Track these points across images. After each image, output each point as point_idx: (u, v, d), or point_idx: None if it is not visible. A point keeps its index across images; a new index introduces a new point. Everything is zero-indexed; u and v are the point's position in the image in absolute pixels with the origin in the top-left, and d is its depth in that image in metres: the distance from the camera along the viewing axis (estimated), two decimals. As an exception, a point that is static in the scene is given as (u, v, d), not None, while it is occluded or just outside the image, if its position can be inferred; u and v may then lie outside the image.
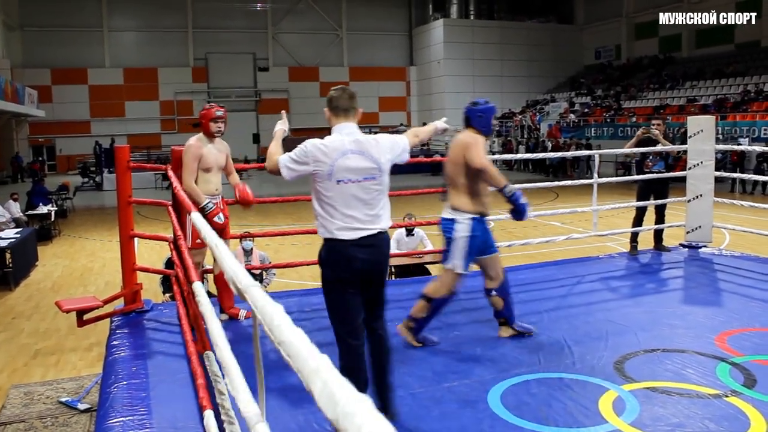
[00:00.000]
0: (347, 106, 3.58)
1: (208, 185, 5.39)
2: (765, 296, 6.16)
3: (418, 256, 8.07)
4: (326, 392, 0.97)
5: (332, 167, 3.39)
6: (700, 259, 7.68)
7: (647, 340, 4.89)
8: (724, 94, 29.16)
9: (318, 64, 41.53)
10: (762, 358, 4.53)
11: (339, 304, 3.51)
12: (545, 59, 42.20)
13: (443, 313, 5.69)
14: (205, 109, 5.50)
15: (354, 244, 3.41)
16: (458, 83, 40.30)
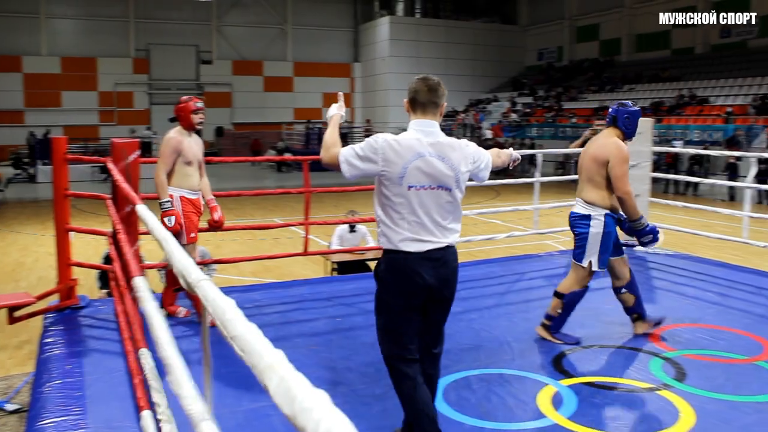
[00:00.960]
0: (426, 100, 3.12)
1: (189, 179, 5.30)
2: (696, 293, 6.39)
3: (360, 253, 8.09)
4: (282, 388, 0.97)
5: (405, 169, 3.00)
6: (635, 257, 7.90)
7: (584, 337, 5.03)
8: (660, 97, 30.04)
9: (262, 58, 41.09)
10: (692, 353, 4.71)
11: (394, 327, 3.13)
12: (489, 59, 42.69)
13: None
14: (182, 101, 5.37)
15: (421, 257, 3.03)
16: (403, 81, 40.34)
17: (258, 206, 17.99)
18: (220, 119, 39.27)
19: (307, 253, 6.78)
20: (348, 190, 7.48)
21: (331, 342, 4.97)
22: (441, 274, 3.08)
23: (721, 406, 3.85)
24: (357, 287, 6.51)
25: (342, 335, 5.11)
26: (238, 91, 39.56)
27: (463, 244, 8.48)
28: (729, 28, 31.72)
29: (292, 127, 39.44)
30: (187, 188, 5.28)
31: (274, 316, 5.49)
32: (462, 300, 6.06)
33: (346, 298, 6.13)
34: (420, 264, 3.03)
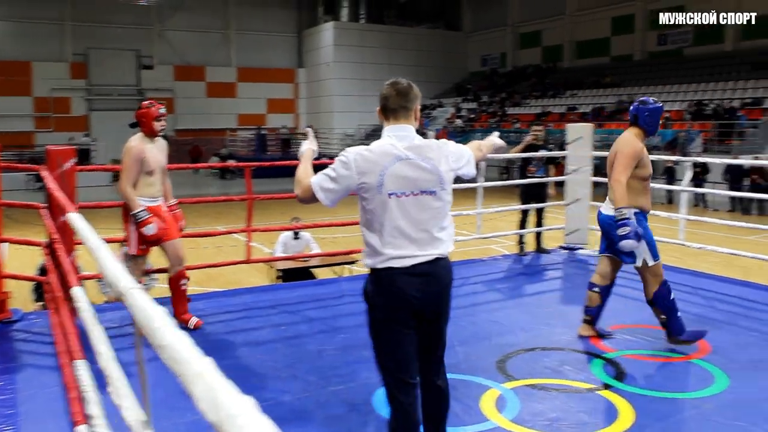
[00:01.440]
0: (396, 106, 2.98)
1: (150, 188, 5.18)
2: (633, 294, 6.54)
3: (304, 260, 8.05)
4: (209, 395, 0.97)
5: (382, 176, 2.82)
6: (577, 260, 8.07)
7: (527, 340, 5.11)
8: (601, 103, 30.77)
9: (205, 63, 40.61)
10: (631, 353, 4.83)
11: (388, 350, 2.92)
12: (433, 65, 43.03)
13: (331, 317, 5.74)
14: (143, 107, 5.26)
15: (406, 272, 2.83)
16: (347, 86, 40.47)
17: (201, 214, 17.76)
18: (161, 126, 38.66)
19: (251, 260, 6.72)
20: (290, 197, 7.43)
21: (276, 350, 4.94)
22: (431, 291, 2.87)
23: (659, 404, 3.95)
24: (302, 295, 6.49)
25: (286, 344, 5.08)
26: (181, 96, 39.02)
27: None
28: (665, 37, 32.72)
29: (236, 133, 39.08)
30: (148, 196, 5.17)
31: (218, 325, 5.43)
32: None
33: (291, 306, 6.11)
34: (407, 281, 2.82)
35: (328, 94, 41.13)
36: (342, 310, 6.02)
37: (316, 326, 5.51)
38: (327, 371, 4.48)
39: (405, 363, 2.91)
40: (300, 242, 8.59)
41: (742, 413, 3.86)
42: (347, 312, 5.93)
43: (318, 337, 5.20)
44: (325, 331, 5.35)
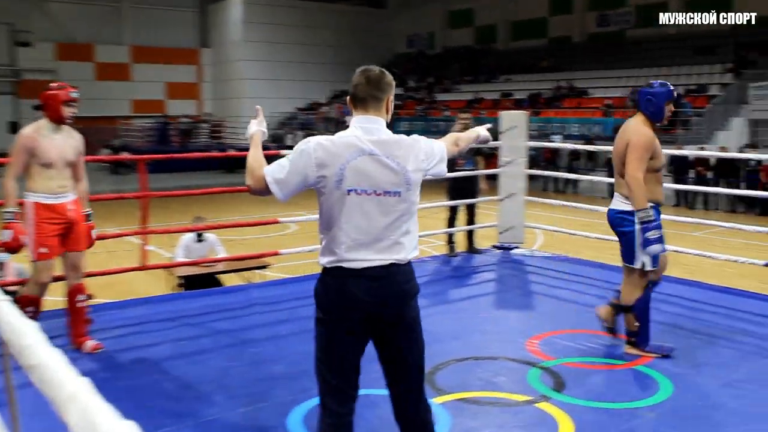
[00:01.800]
0: (365, 95, 2.97)
1: (49, 183, 4.95)
2: (575, 297, 6.73)
3: (209, 265, 7.94)
4: (85, 422, 0.94)
5: (342, 170, 2.82)
6: (512, 260, 8.23)
7: (458, 349, 5.17)
8: (537, 89, 31.42)
9: (93, 41, 39.48)
10: (571, 361, 4.96)
11: (326, 353, 2.95)
12: (354, 45, 43.01)
13: (239, 329, 5.68)
14: (52, 89, 5.01)
15: (357, 275, 2.85)
16: (259, 69, 40.06)
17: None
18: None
19: (147, 267, 6.59)
20: (194, 193, 7.33)
21: (176, 368, 4.85)
22: (384, 295, 2.87)
23: (600, 415, 4.07)
24: (205, 305, 6.40)
25: (188, 360, 5.00)
26: (65, 79, 37.09)
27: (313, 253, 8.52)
28: (607, 18, 33.69)
29: (131, 122, 38.13)
30: (44, 192, 4.94)
31: (109, 341, 5.29)
32: (325, 314, 6.10)
33: (193, 318, 6.02)
34: (356, 283, 2.85)
35: (237, 77, 40.63)
36: (251, 321, 5.97)
37: (222, 340, 5.45)
38: (235, 390, 4.43)
39: (340, 369, 2.94)
40: (204, 245, 8.46)
41: (685, 422, 4.02)
42: (257, 323, 5.89)
43: (224, 353, 5.14)
44: (233, 345, 5.30)
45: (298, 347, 5.22)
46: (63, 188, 5.03)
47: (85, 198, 5.28)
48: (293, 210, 17.54)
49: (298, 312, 6.17)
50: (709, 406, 4.24)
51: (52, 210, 4.96)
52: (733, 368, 4.88)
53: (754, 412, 4.16)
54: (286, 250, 7.50)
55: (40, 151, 4.89)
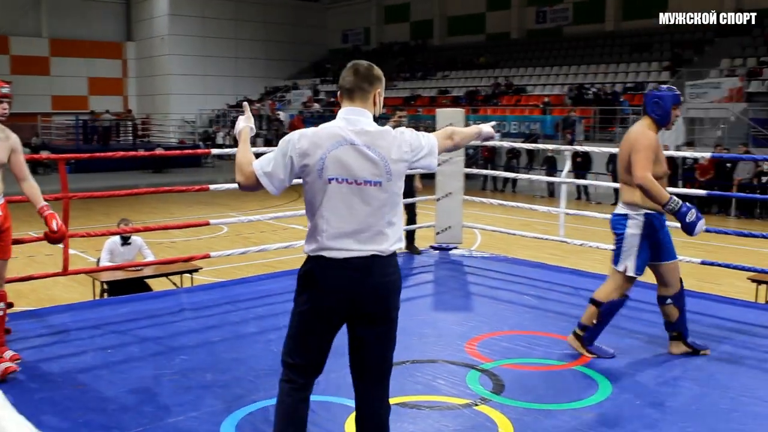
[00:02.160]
0: (352, 86, 3.14)
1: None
2: (513, 298, 6.83)
3: (136, 269, 7.82)
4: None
5: (323, 160, 2.97)
6: (450, 261, 8.31)
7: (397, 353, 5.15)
8: (475, 86, 31.77)
9: (9, 32, 38.39)
10: (510, 362, 5.04)
11: (296, 335, 3.09)
12: (287, 41, 42.87)
13: (168, 336, 5.62)
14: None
15: (338, 265, 2.98)
16: (187, 64, 39.57)
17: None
18: (-48, 109, 36.28)
19: (69, 272, 6.46)
20: (118, 194, 7.20)
21: (101, 378, 4.77)
22: (363, 286, 2.99)
23: (540, 416, 4.15)
24: (132, 311, 6.31)
25: (114, 370, 4.91)
26: (-25, 74, 36.69)
27: (256, 254, 8.48)
28: (545, 14, 34.24)
29: (50, 119, 37.21)
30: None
31: (28, 352, 5.17)
32: (258, 319, 6.08)
33: (119, 325, 5.92)
34: (336, 273, 2.98)
35: (164, 72, 40.03)
36: (181, 327, 5.90)
37: (150, 348, 5.37)
38: (164, 400, 4.38)
39: (307, 352, 3.08)
40: (130, 248, 8.31)
41: (623, 421, 4.13)
42: (188, 329, 5.82)
43: (153, 361, 5.07)
44: (161, 353, 5.23)
45: (230, 354, 5.19)
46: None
47: (37, 193, 5.05)
48: (224, 211, 17.38)
49: (229, 317, 6.14)
50: (647, 404, 4.36)
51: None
52: (670, 367, 5.02)
53: (690, 409, 4.30)
54: (217, 253, 7.43)
55: None
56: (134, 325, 5.93)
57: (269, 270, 8.73)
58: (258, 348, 5.32)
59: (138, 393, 4.49)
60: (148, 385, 4.62)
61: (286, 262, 11.00)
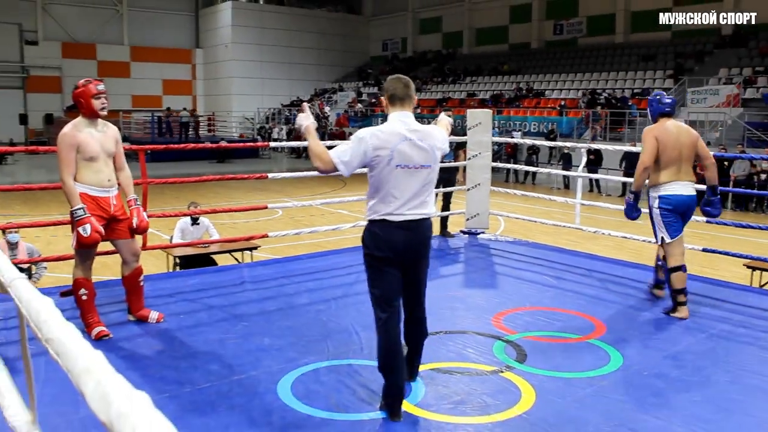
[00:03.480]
0: (404, 95, 3.68)
1: (98, 175, 4.72)
2: (534, 278, 6.74)
3: (203, 246, 7.86)
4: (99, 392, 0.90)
5: (392, 152, 3.52)
6: (478, 244, 8.23)
7: (431, 323, 5.09)
8: (500, 90, 31.49)
9: (95, 40, 38.91)
10: (532, 335, 4.96)
11: (377, 281, 3.64)
12: (334, 48, 42.89)
13: (231, 305, 5.62)
14: (79, 86, 4.75)
15: (397, 226, 3.57)
16: (246, 68, 39.78)
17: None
18: (49, 105, 36.85)
19: (147, 247, 6.50)
20: (188, 181, 7.22)
21: (175, 340, 4.79)
22: (414, 239, 3.61)
23: (559, 383, 4.08)
24: (200, 282, 6.33)
25: (186, 333, 4.93)
26: (69, 75, 37.13)
27: (307, 235, 8.48)
28: (562, 27, 33.81)
29: (130, 115, 37.66)
30: (90, 184, 4.72)
31: (112, 315, 5.21)
32: (309, 292, 6.06)
33: (190, 294, 5.94)
34: (395, 231, 3.57)
35: (227, 76, 40.30)
36: (243, 297, 5.91)
37: (216, 314, 5.38)
38: (228, 360, 4.38)
39: (388, 291, 3.63)
40: (199, 228, 8.37)
41: (633, 389, 4.04)
42: (248, 299, 5.83)
43: (218, 326, 5.08)
44: (226, 320, 5.24)
45: (284, 322, 5.18)
46: (109, 182, 4.82)
47: (130, 184, 5.04)
48: (279, 197, 17.43)
49: (284, 290, 6.12)
50: (653, 375, 4.26)
51: (95, 202, 4.75)
52: (675, 342, 4.92)
53: (692, 380, 4.20)
54: (274, 233, 7.42)
55: (83, 147, 4.67)
56: (202, 294, 5.95)
57: (319, 249, 8.72)
58: (309, 317, 5.30)
59: (206, 353, 4.50)
60: (214, 347, 4.62)
61: (333, 242, 11.00)
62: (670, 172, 5.44)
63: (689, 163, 5.53)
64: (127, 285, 5.11)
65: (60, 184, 4.74)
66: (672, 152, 5.42)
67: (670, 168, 5.43)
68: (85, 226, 4.61)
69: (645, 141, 5.51)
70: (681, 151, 5.44)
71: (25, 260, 6.98)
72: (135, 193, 5.08)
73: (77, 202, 4.65)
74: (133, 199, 5.02)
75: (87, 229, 4.61)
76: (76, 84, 4.88)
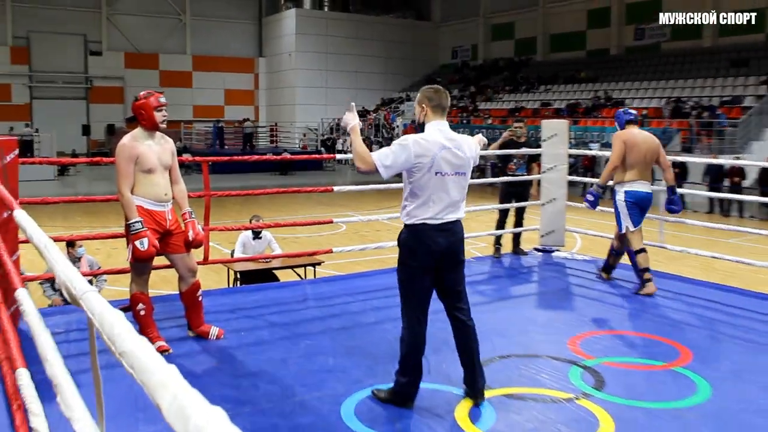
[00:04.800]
0: (446, 105, 4.11)
1: (155, 188, 4.88)
2: (613, 300, 6.62)
3: (266, 261, 7.99)
4: (176, 406, 0.94)
5: (433, 159, 3.89)
6: (553, 263, 8.13)
7: (503, 346, 5.11)
8: (576, 99, 31.07)
9: (158, 50, 40.12)
10: (610, 360, 4.86)
11: (411, 283, 4.01)
12: (401, 56, 43.06)
13: (294, 323, 5.69)
14: (141, 98, 4.92)
15: (436, 228, 3.94)
16: (311, 78, 40.29)
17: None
18: (111, 116, 38.10)
19: (208, 261, 6.64)
20: (251, 194, 7.37)
21: (235, 358, 4.88)
22: (451, 241, 4.00)
23: (640, 414, 3.98)
24: (262, 298, 6.43)
25: (246, 351, 5.02)
26: (132, 85, 38.27)
27: (373, 251, 8.53)
28: (643, 31, 33.18)
29: (192, 125, 38.62)
30: (147, 197, 4.86)
31: (173, 331, 5.34)
32: (375, 310, 6.09)
33: (251, 310, 6.05)
34: (435, 233, 3.94)
35: (290, 85, 40.88)
36: (306, 314, 5.99)
37: (278, 332, 5.46)
38: (290, 380, 4.44)
39: (421, 294, 4.04)
40: (261, 242, 8.50)
41: (724, 424, 3.91)
42: (311, 317, 5.90)
43: (280, 344, 5.16)
44: (288, 338, 5.31)
45: (349, 341, 5.21)
46: (166, 195, 4.95)
47: (185, 197, 5.17)
48: (343, 211, 17.60)
49: (349, 307, 6.17)
50: (750, 410, 4.11)
51: (150, 216, 4.87)
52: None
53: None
54: (339, 249, 7.50)
55: (142, 159, 4.81)
56: (264, 311, 6.05)
57: (385, 266, 8.74)
58: (375, 336, 5.33)
59: (267, 372, 4.56)
60: (276, 366, 4.68)
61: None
62: (634, 172, 6.78)
63: (650, 166, 6.88)
64: (186, 301, 5.22)
65: (118, 197, 4.88)
66: (637, 155, 6.75)
67: (635, 168, 6.77)
68: (143, 240, 4.73)
69: (614, 144, 6.85)
70: (645, 155, 6.77)
71: (87, 272, 7.24)
72: (190, 207, 5.18)
73: (134, 215, 4.77)
74: (188, 212, 5.11)
75: (144, 242, 4.73)
76: (137, 96, 5.02)
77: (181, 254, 5.10)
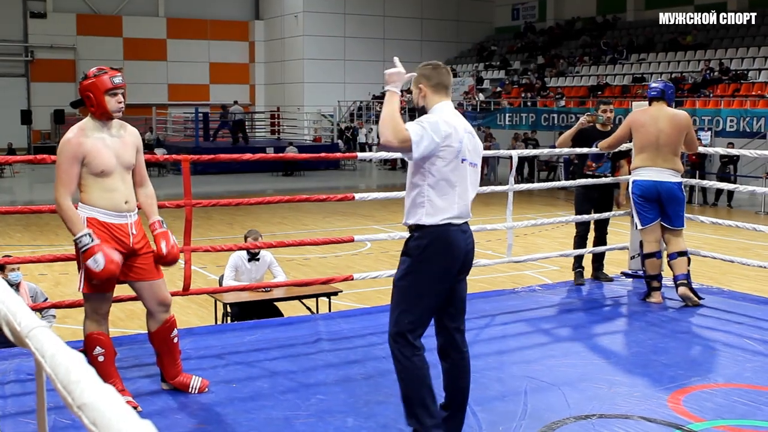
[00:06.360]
0: (449, 83, 4.38)
1: (112, 195, 4.80)
2: (731, 341, 6.58)
3: (265, 290, 8.03)
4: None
5: (461, 143, 4.16)
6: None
7: (579, 403, 5.12)
8: (680, 72, 30.84)
9: (121, 12, 40.47)
10: (727, 423, 4.85)
11: (422, 300, 4.21)
12: (444, 18, 42.97)
13: (302, 371, 5.74)
14: (89, 76, 4.82)
15: (460, 229, 4.22)
16: (324, 47, 40.18)
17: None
18: (59, 99, 38.24)
19: (189, 291, 6.69)
20: (245, 203, 7.44)
21: (224, 417, 4.93)
22: (471, 242, 4.33)
23: (765, 496, 3.98)
24: (260, 339, 6.47)
25: (239, 408, 5.07)
26: (86, 58, 38.60)
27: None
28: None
29: (166, 111, 38.74)
30: (102, 207, 4.79)
31: (141, 383, 5.41)
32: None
33: (245, 355, 6.09)
34: (458, 235, 4.20)
35: (297, 57, 40.84)
36: (317, 360, 6.02)
37: (281, 384, 5.50)
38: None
39: (429, 312, 4.26)
40: (258, 266, 8.49)
41: None
42: (325, 363, 5.92)
43: (284, 400, 5.19)
44: (294, 390, 5.34)
45: (374, 395, 5.24)
46: (128, 204, 4.90)
47: (153, 204, 5.17)
48: (366, 223, 17.60)
49: (374, 351, 6.18)
50: None
51: (109, 231, 4.80)
52: None
53: None
54: (361, 275, 7.51)
55: (92, 158, 4.72)
56: (263, 355, 6.09)
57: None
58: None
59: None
60: (278, 428, 4.73)
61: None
62: (643, 157, 7.40)
63: (666, 150, 7.30)
64: (157, 344, 5.18)
65: (55, 207, 4.82)
66: (644, 138, 7.35)
67: (644, 153, 7.39)
68: (96, 257, 4.58)
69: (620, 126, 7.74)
70: (658, 138, 7.27)
71: (30, 305, 7.32)
72: (160, 216, 5.15)
73: (80, 227, 4.68)
74: (158, 221, 5.08)
75: (99, 259, 4.58)
76: (85, 73, 4.92)
77: (149, 281, 5.04)
